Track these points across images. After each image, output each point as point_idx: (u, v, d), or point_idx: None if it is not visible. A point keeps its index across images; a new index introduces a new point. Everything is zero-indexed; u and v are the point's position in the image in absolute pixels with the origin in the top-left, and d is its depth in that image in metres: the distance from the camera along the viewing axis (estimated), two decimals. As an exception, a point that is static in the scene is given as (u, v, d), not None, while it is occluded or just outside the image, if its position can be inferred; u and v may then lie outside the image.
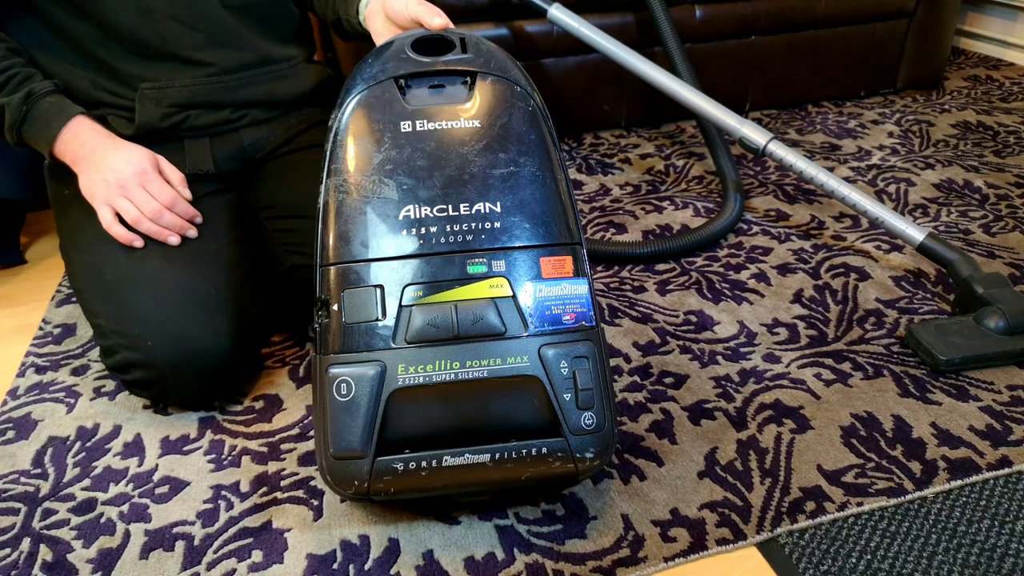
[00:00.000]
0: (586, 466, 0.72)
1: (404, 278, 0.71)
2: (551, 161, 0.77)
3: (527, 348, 0.71)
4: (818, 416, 0.92)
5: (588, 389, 0.71)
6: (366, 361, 0.69)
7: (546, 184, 0.76)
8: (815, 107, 1.89)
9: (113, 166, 0.90)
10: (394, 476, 0.70)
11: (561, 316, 0.73)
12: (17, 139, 0.92)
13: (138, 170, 0.91)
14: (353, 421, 0.69)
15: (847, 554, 0.75)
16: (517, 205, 0.74)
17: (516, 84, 0.78)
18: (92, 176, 0.91)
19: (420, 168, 0.74)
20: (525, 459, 0.71)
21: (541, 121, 0.78)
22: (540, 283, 0.73)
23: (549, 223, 0.75)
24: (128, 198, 0.90)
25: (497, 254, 0.72)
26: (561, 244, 0.75)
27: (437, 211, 0.73)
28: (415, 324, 0.70)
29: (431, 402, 0.70)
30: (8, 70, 0.90)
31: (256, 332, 1.02)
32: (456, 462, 0.70)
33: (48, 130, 0.90)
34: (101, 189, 0.90)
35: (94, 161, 0.91)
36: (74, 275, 0.97)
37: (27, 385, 1.02)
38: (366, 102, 0.76)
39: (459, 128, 0.76)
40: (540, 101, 0.79)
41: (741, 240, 1.31)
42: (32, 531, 0.80)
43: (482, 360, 0.70)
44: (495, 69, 0.78)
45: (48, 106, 0.91)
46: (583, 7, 1.51)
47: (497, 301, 0.71)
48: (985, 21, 2.25)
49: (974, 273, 1.08)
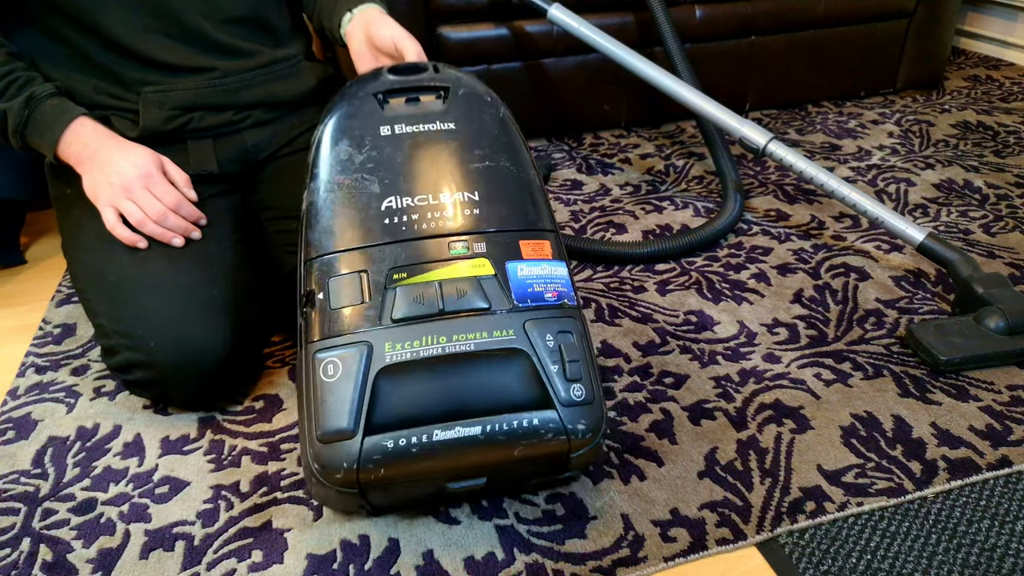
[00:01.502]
0: (579, 440, 0.71)
1: (388, 262, 0.73)
2: (523, 160, 0.82)
3: (512, 323, 0.72)
4: (818, 416, 0.92)
5: (575, 361, 0.72)
6: (353, 342, 0.70)
7: (520, 178, 0.80)
8: (815, 107, 1.89)
9: (117, 168, 0.90)
10: (384, 457, 0.68)
11: (543, 294, 0.74)
12: (21, 143, 0.92)
13: (143, 172, 0.91)
14: (341, 400, 0.68)
15: (847, 554, 0.75)
16: (494, 194, 0.78)
17: (486, 96, 0.85)
18: (96, 177, 0.91)
19: (400, 164, 0.78)
20: (516, 432, 0.70)
21: (511, 126, 0.84)
22: (521, 263, 0.75)
23: (526, 210, 0.79)
24: (132, 200, 0.90)
25: (478, 237, 0.75)
26: (538, 229, 0.78)
27: (418, 200, 0.76)
28: (400, 303, 0.71)
29: (420, 380, 0.70)
30: (9, 75, 0.90)
31: (257, 333, 1.02)
32: (447, 436, 0.69)
33: (51, 133, 0.90)
34: (105, 191, 0.90)
35: (98, 162, 0.91)
36: (76, 275, 0.97)
37: (27, 385, 1.02)
38: (347, 112, 0.81)
39: (435, 129, 0.81)
40: (508, 112, 0.85)
41: (741, 240, 1.31)
42: (32, 531, 0.80)
43: (468, 334, 0.70)
44: (465, 86, 0.85)
45: (50, 108, 0.91)
46: (583, 7, 1.51)
47: (480, 279, 0.73)
48: (985, 21, 2.25)
49: (974, 273, 1.08)
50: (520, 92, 1.63)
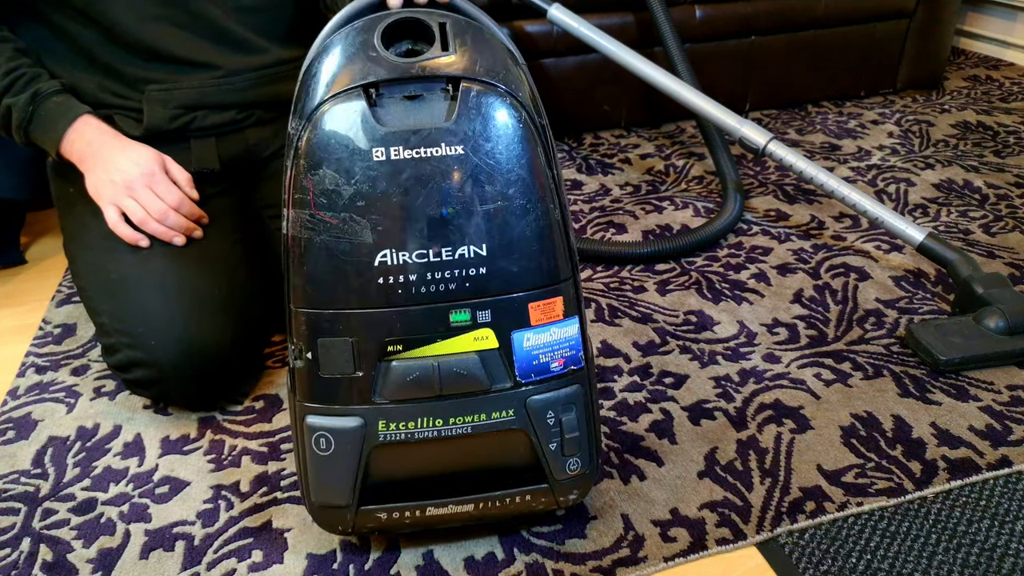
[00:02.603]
0: (568, 503, 0.75)
1: (382, 331, 0.65)
2: (542, 188, 0.68)
3: (512, 402, 0.68)
4: (818, 416, 0.92)
5: (574, 436, 0.70)
6: (345, 415, 0.67)
7: (537, 218, 0.67)
8: (815, 107, 1.89)
9: (120, 167, 0.90)
10: (377, 524, 0.72)
11: (549, 364, 0.69)
12: (24, 139, 0.92)
13: (145, 171, 0.91)
14: (333, 476, 0.68)
15: (847, 554, 0.75)
16: (504, 247, 0.66)
17: (507, 93, 0.66)
18: (99, 176, 0.91)
19: (396, 206, 0.64)
20: (508, 505, 0.73)
21: (532, 136, 0.67)
22: (528, 331, 0.68)
23: (539, 263, 0.67)
24: (134, 199, 0.90)
25: (482, 303, 0.66)
26: (551, 285, 0.68)
27: (416, 256, 0.65)
28: (395, 381, 0.66)
29: (413, 456, 0.70)
30: (15, 71, 0.90)
31: (258, 333, 1.02)
32: (439, 512, 0.71)
33: (54, 130, 0.90)
34: (108, 189, 0.90)
35: (101, 161, 0.91)
36: (77, 272, 0.97)
37: (27, 385, 1.02)
38: (332, 120, 0.64)
39: (440, 156, 0.64)
40: (531, 108, 0.67)
41: (741, 240, 1.31)
42: (32, 531, 0.80)
43: (466, 416, 0.68)
44: (481, 70, 0.66)
45: (54, 106, 0.91)
46: (583, 7, 1.51)
47: (482, 354, 0.67)
48: (985, 21, 2.25)
49: (974, 273, 1.08)
50: (520, 92, 1.62)
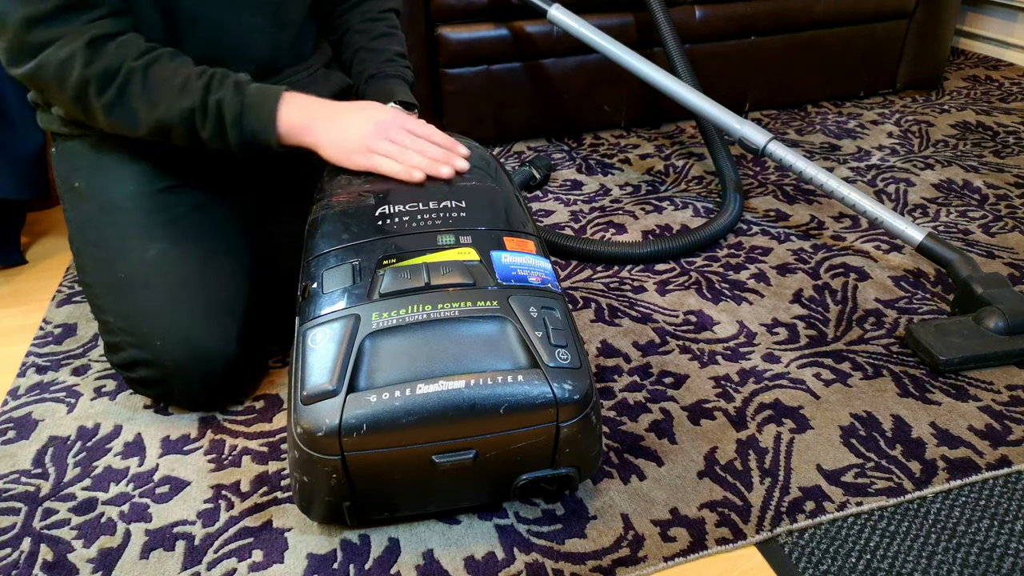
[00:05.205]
0: (567, 405, 0.69)
1: (378, 253, 0.78)
2: (510, 185, 0.91)
3: (496, 296, 0.74)
4: (818, 416, 0.92)
5: (559, 329, 0.73)
6: (341, 316, 0.72)
7: (507, 197, 0.88)
8: (815, 107, 1.89)
9: (367, 116, 0.90)
10: (366, 414, 0.66)
11: (527, 277, 0.77)
12: (239, 134, 0.88)
13: (393, 114, 0.92)
14: (325, 360, 0.69)
15: (847, 554, 0.75)
16: (481, 204, 0.85)
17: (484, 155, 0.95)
18: (340, 133, 0.89)
19: (395, 188, 0.86)
20: (501, 390, 0.68)
21: (499, 168, 0.94)
22: (505, 252, 0.79)
23: (511, 218, 0.85)
24: (388, 139, 0.89)
25: (464, 231, 0.80)
26: (523, 231, 0.84)
27: (408, 206, 0.83)
28: (388, 280, 0.74)
29: (404, 344, 0.70)
30: (205, 71, 0.87)
31: (262, 336, 1.02)
32: (430, 390, 0.68)
33: (269, 109, 0.87)
34: (356, 140, 0.89)
35: (335, 120, 0.90)
36: (83, 268, 0.96)
37: (28, 385, 1.02)
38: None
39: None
40: None
41: (741, 240, 1.31)
42: (32, 531, 0.80)
43: (453, 303, 0.72)
44: None
45: (256, 91, 0.88)
46: (583, 7, 1.52)
47: (466, 263, 0.77)
48: (985, 21, 2.26)
49: (973, 273, 1.08)
50: (520, 92, 1.63)
